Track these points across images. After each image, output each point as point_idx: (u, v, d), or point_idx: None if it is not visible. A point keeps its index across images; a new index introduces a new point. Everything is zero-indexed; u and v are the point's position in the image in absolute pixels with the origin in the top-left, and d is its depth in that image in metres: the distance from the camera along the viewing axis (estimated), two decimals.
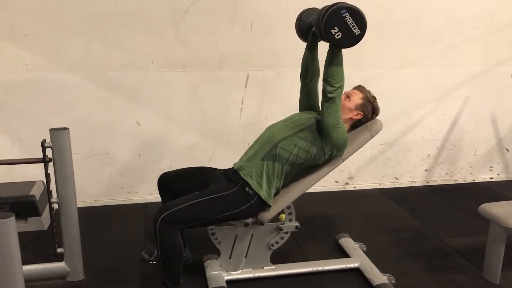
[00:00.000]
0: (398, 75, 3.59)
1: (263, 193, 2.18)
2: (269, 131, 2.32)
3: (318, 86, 2.43)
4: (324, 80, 2.13)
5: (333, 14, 1.91)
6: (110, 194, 3.40)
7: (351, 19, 1.91)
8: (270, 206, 2.24)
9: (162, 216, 2.01)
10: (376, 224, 3.14)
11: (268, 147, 2.22)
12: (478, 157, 3.96)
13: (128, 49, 3.16)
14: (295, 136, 2.22)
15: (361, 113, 2.34)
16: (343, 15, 1.90)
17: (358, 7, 1.96)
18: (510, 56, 3.74)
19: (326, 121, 2.16)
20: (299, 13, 3.26)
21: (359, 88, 2.40)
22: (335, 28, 1.91)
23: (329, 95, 2.12)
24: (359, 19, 1.93)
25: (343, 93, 2.29)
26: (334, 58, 2.07)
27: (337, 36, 1.92)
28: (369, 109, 2.36)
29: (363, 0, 3.34)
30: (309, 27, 2.35)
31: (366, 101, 2.35)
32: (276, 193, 2.26)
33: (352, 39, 1.96)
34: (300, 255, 2.71)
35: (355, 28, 1.93)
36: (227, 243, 2.35)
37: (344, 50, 3.56)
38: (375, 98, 2.39)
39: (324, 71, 2.13)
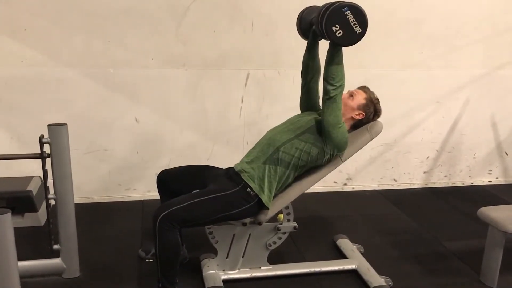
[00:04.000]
0: (399, 76, 3.59)
1: (264, 197, 2.17)
2: (270, 134, 2.31)
3: (318, 84, 2.42)
4: (325, 79, 2.12)
5: (335, 12, 1.90)
6: (108, 191, 3.39)
7: (352, 17, 1.90)
8: (268, 209, 2.23)
9: (162, 214, 2.01)
10: (374, 226, 3.14)
11: (270, 151, 2.21)
12: (477, 160, 3.95)
13: (128, 46, 3.14)
14: (296, 139, 2.21)
15: (363, 113, 2.34)
16: (345, 12, 1.88)
17: (360, 5, 1.95)
18: (511, 60, 3.73)
19: (326, 120, 2.15)
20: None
21: (363, 88, 2.39)
22: (337, 25, 1.90)
23: (330, 94, 2.11)
24: (361, 17, 1.92)
25: (346, 91, 2.30)
26: (334, 57, 2.06)
27: (338, 34, 1.91)
28: (371, 110, 2.35)
29: (365, 1, 3.37)
30: (310, 25, 2.33)
31: (369, 101, 2.34)
32: (275, 196, 2.26)
33: (353, 38, 1.95)
34: (298, 255, 2.70)
35: (357, 27, 1.91)
36: (225, 242, 2.34)
37: (345, 50, 3.56)
38: (378, 100, 2.38)
39: (324, 70, 2.12)
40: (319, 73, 2.42)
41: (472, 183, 3.99)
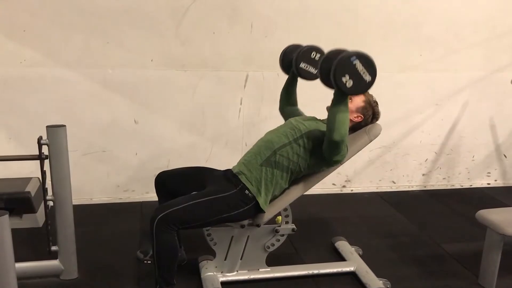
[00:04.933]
0: (398, 78, 3.59)
1: (261, 200, 2.17)
2: (268, 136, 2.31)
3: (297, 104, 2.60)
4: (330, 129, 2.03)
5: (344, 62, 1.86)
6: (106, 192, 3.38)
7: (361, 65, 1.86)
8: (264, 212, 2.23)
9: (160, 216, 2.00)
10: (372, 228, 3.14)
11: (267, 153, 2.21)
12: (476, 163, 3.95)
13: (127, 47, 3.14)
14: (295, 143, 2.21)
15: (361, 116, 2.34)
16: (353, 62, 1.85)
17: (367, 53, 1.92)
18: (510, 62, 3.74)
19: (330, 158, 2.16)
20: (298, 17, 3.28)
21: None
22: (346, 75, 1.86)
23: (336, 146, 2.08)
24: (370, 65, 1.89)
25: None
26: (342, 105, 1.99)
27: (348, 84, 1.87)
28: (370, 113, 2.35)
29: (365, 3, 3.38)
30: (291, 63, 2.41)
31: (368, 104, 2.34)
32: (273, 199, 2.26)
33: (363, 86, 1.91)
34: (296, 257, 2.70)
35: (366, 75, 1.88)
36: (223, 244, 2.34)
37: None
38: (377, 103, 2.38)
39: (329, 119, 2.03)
40: (296, 104, 2.59)
41: (471, 186, 3.99)
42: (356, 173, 3.76)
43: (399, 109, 3.65)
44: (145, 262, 2.54)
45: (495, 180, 4.05)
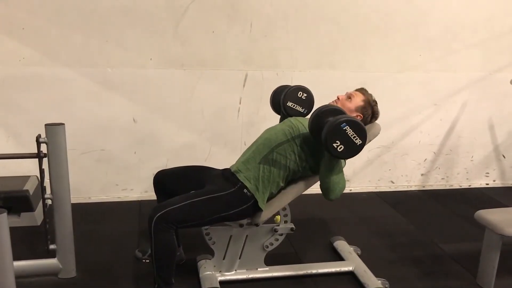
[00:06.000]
0: (397, 79, 3.59)
1: (259, 199, 2.17)
2: (266, 134, 2.31)
3: None
4: (325, 188, 2.11)
5: (334, 129, 1.92)
6: (105, 191, 3.38)
7: (352, 131, 1.93)
8: (262, 211, 2.22)
9: (158, 215, 2.00)
10: (371, 228, 3.14)
11: (265, 151, 2.20)
12: (474, 163, 3.96)
13: (126, 46, 3.14)
14: (292, 141, 2.20)
15: (361, 115, 2.33)
16: (344, 128, 1.92)
17: (356, 118, 2.00)
18: (509, 63, 3.74)
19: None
20: (298, 17, 3.27)
21: (362, 90, 2.39)
22: (337, 142, 1.93)
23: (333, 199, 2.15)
24: (360, 129, 1.94)
25: (345, 93, 2.32)
26: (335, 167, 2.06)
27: (340, 149, 1.94)
28: (369, 112, 2.35)
29: (364, 3, 3.38)
30: (279, 104, 2.46)
31: (367, 104, 2.34)
32: (271, 197, 2.25)
33: (354, 150, 1.96)
34: (295, 257, 2.70)
35: (357, 139, 1.94)
36: (221, 243, 2.34)
37: (344, 52, 3.57)
38: (376, 102, 2.38)
39: (323, 178, 2.11)
40: None
41: (469, 186, 3.99)
42: (355, 173, 3.76)
43: (398, 109, 3.65)
44: (144, 261, 2.54)
45: (494, 181, 4.05)
